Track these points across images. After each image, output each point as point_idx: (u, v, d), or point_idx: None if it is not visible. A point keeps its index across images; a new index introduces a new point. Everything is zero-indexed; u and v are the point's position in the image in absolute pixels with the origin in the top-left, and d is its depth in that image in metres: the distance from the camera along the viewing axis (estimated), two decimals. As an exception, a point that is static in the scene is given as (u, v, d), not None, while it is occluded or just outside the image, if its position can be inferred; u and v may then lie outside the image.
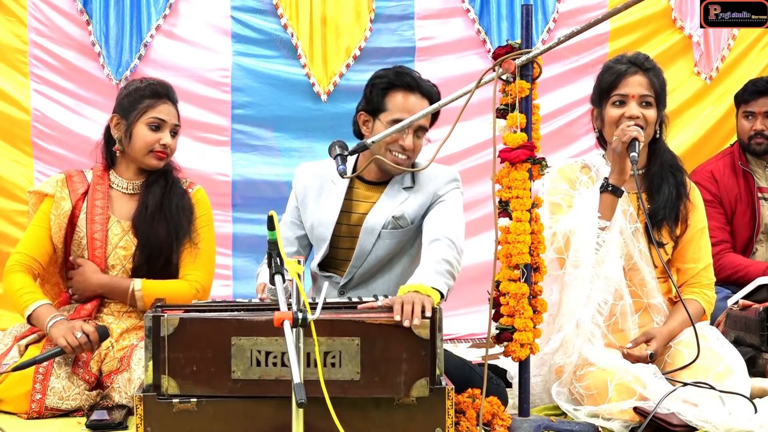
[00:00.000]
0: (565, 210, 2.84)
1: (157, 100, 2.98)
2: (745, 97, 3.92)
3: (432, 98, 2.83)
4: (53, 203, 2.97)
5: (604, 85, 2.89)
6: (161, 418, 2.24)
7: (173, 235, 2.97)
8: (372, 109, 2.85)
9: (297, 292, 1.96)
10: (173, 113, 3.02)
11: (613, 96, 2.87)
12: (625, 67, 2.87)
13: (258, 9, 4.52)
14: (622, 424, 2.53)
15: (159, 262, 2.97)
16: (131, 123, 2.96)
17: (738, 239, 3.83)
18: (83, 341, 2.71)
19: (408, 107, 2.78)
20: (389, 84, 2.82)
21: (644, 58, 2.91)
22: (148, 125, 2.96)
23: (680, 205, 2.91)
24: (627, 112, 2.83)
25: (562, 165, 2.98)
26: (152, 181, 3.02)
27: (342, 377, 2.24)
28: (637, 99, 2.83)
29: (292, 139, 4.56)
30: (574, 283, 2.73)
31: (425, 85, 2.84)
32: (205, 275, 3.03)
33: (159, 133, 2.97)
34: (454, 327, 4.32)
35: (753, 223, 3.80)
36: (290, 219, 2.98)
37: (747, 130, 3.85)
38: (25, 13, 4.33)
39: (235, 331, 2.24)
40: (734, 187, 3.83)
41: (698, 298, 2.92)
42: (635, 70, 2.86)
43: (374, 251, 2.85)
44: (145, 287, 2.91)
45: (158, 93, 3.00)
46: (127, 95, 3.01)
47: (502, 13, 4.60)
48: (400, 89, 2.81)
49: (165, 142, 2.97)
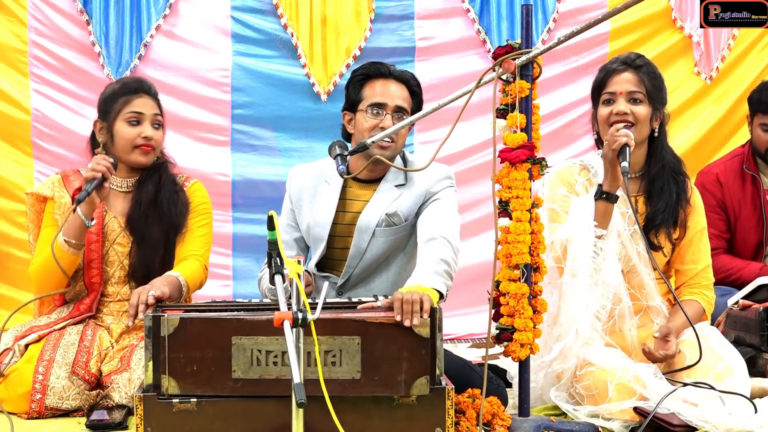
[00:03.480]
0: (563, 218, 2.84)
1: (131, 95, 2.97)
2: (762, 108, 3.71)
3: (408, 83, 2.88)
4: (54, 203, 2.97)
5: (595, 85, 2.94)
6: (161, 418, 2.24)
7: (168, 231, 2.97)
8: (351, 104, 2.90)
9: (297, 292, 1.96)
10: (151, 104, 3.00)
11: (603, 94, 2.89)
12: (615, 65, 2.90)
13: (258, 9, 4.52)
14: (622, 424, 2.53)
15: (156, 258, 2.96)
16: (111, 123, 2.96)
17: (747, 244, 3.76)
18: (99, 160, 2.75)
19: (384, 91, 2.83)
20: (364, 76, 2.87)
21: (636, 56, 2.92)
22: (126, 121, 2.95)
23: (680, 210, 2.90)
24: (615, 109, 2.84)
25: (560, 168, 2.97)
26: (145, 178, 3.01)
27: (342, 376, 2.24)
28: (626, 96, 2.84)
29: (292, 139, 4.56)
30: (573, 292, 2.73)
31: (400, 72, 2.89)
32: (206, 252, 3.03)
33: (139, 127, 2.96)
34: (454, 327, 4.32)
35: (761, 226, 3.74)
36: (286, 222, 2.98)
37: (765, 142, 3.71)
38: (25, 13, 4.33)
39: (235, 331, 2.24)
40: (739, 191, 3.76)
41: (698, 299, 2.92)
42: (624, 67, 2.88)
43: (370, 250, 2.85)
44: (183, 273, 2.86)
45: (131, 88, 2.99)
46: (104, 99, 3.01)
47: (502, 13, 4.60)
48: (374, 78, 2.86)
49: (146, 135, 2.96)
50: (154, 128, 2.99)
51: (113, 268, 2.97)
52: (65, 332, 2.85)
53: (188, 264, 2.92)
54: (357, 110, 2.86)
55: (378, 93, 2.83)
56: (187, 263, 2.93)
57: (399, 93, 2.84)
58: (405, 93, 2.86)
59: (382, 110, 2.81)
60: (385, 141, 2.76)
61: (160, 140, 3.02)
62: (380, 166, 2.83)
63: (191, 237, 3.00)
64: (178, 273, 2.83)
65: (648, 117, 2.85)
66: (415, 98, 2.89)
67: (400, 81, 2.87)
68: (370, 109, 2.82)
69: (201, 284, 2.97)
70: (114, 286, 2.99)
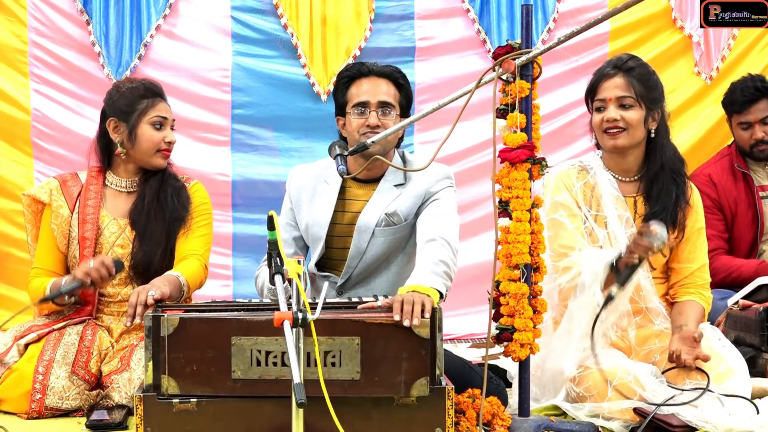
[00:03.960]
0: (567, 227, 2.83)
1: (154, 98, 3.00)
2: (736, 108, 3.80)
3: (391, 76, 2.88)
4: (52, 212, 2.97)
5: (587, 91, 2.93)
6: (161, 418, 2.24)
7: (169, 225, 2.97)
8: (340, 107, 2.91)
9: (297, 292, 1.96)
10: (170, 110, 3.05)
11: (595, 101, 2.89)
12: (606, 70, 2.88)
13: (258, 9, 4.52)
14: (622, 424, 2.53)
15: (157, 252, 2.96)
16: (134, 124, 2.95)
17: (742, 242, 3.78)
18: (98, 266, 2.69)
19: (366, 89, 2.84)
20: (347, 78, 2.89)
21: (627, 57, 2.90)
22: (152, 124, 2.97)
23: (678, 211, 2.89)
24: (605, 116, 2.84)
25: (559, 171, 2.96)
26: (149, 176, 3.02)
27: (342, 377, 2.24)
28: (615, 102, 2.83)
29: (292, 139, 4.56)
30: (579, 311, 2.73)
31: (380, 67, 2.89)
32: (207, 252, 3.03)
33: (163, 131, 2.99)
34: (454, 327, 4.32)
35: (756, 224, 3.75)
36: (285, 221, 2.98)
37: (747, 140, 3.77)
38: (25, 13, 4.33)
39: (235, 331, 2.24)
40: (733, 189, 3.78)
41: (696, 299, 2.90)
42: (614, 72, 2.86)
43: (369, 250, 2.85)
44: (184, 273, 2.85)
45: (154, 92, 3.01)
46: (121, 96, 2.99)
47: (502, 13, 4.60)
48: (357, 78, 2.88)
49: (170, 139, 3.00)
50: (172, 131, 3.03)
51: (113, 270, 2.97)
52: (65, 332, 2.85)
53: (188, 263, 2.92)
54: (346, 113, 2.87)
55: (361, 92, 2.84)
56: (188, 263, 2.92)
57: (382, 89, 2.84)
58: (388, 87, 2.86)
59: (366, 108, 2.82)
60: (370, 132, 2.77)
61: (174, 144, 3.05)
62: (378, 164, 2.83)
63: (191, 237, 3.00)
64: (179, 273, 2.83)
65: (640, 120, 2.83)
66: (402, 91, 2.89)
67: (383, 76, 2.87)
68: (354, 109, 2.83)
69: (201, 284, 2.97)
70: (115, 287, 2.98)
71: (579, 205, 2.89)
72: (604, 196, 2.89)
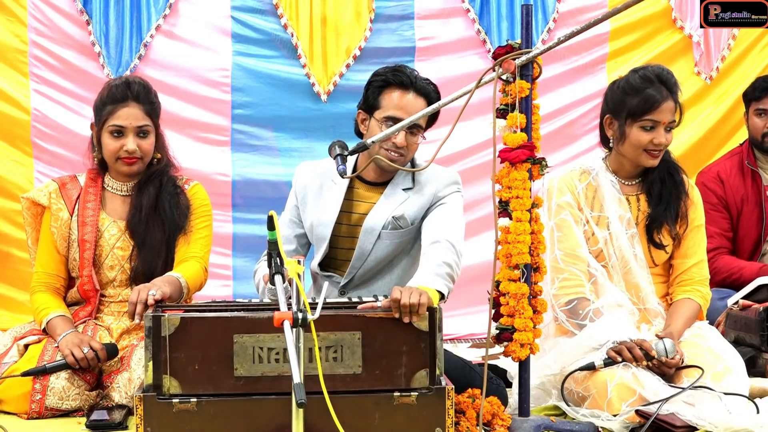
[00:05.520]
0: (573, 228, 2.84)
1: (115, 105, 2.89)
2: (756, 95, 3.80)
3: (429, 96, 2.81)
4: (51, 215, 2.96)
5: (635, 109, 2.83)
6: (161, 418, 2.24)
7: (169, 234, 2.95)
8: (368, 107, 2.85)
9: (297, 292, 1.96)
10: (135, 114, 2.89)
11: (644, 120, 2.83)
12: (658, 94, 2.81)
13: (258, 9, 4.52)
14: (622, 424, 2.53)
15: (158, 262, 2.95)
16: (99, 132, 2.93)
17: (746, 241, 3.77)
18: (90, 356, 2.69)
19: (401, 105, 2.77)
20: (385, 82, 2.81)
21: (672, 81, 2.85)
22: (110, 133, 2.90)
23: (680, 203, 2.91)
24: (655, 139, 2.82)
25: (562, 174, 2.96)
26: (145, 182, 2.97)
27: (344, 371, 2.26)
28: (666, 126, 2.83)
29: (292, 139, 4.56)
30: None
31: (421, 83, 2.81)
32: (206, 254, 3.02)
33: (121, 139, 2.89)
34: (454, 327, 4.32)
35: (760, 223, 3.74)
36: (289, 217, 2.98)
37: (760, 128, 3.76)
38: (25, 13, 4.33)
39: (236, 329, 2.24)
40: (741, 187, 3.77)
41: (691, 296, 2.90)
42: (668, 95, 2.82)
43: (374, 252, 2.85)
44: (184, 275, 2.85)
45: (116, 97, 2.89)
46: (95, 105, 2.96)
47: (502, 13, 4.60)
48: (395, 87, 2.80)
49: (128, 148, 2.88)
50: (140, 138, 2.90)
51: (113, 272, 2.96)
52: (65, 332, 2.85)
53: (189, 266, 2.91)
54: (372, 116, 2.83)
55: (395, 106, 2.77)
56: (188, 265, 2.92)
57: (417, 108, 2.75)
58: (423, 107, 2.74)
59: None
60: (393, 154, 2.76)
61: (148, 149, 2.93)
62: (389, 169, 2.82)
63: (191, 239, 2.99)
64: (179, 274, 2.83)
65: None
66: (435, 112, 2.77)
67: (421, 94, 2.80)
68: (384, 121, 2.77)
69: (201, 286, 2.96)
70: (116, 288, 2.98)
71: (581, 207, 2.90)
72: (606, 197, 2.90)
